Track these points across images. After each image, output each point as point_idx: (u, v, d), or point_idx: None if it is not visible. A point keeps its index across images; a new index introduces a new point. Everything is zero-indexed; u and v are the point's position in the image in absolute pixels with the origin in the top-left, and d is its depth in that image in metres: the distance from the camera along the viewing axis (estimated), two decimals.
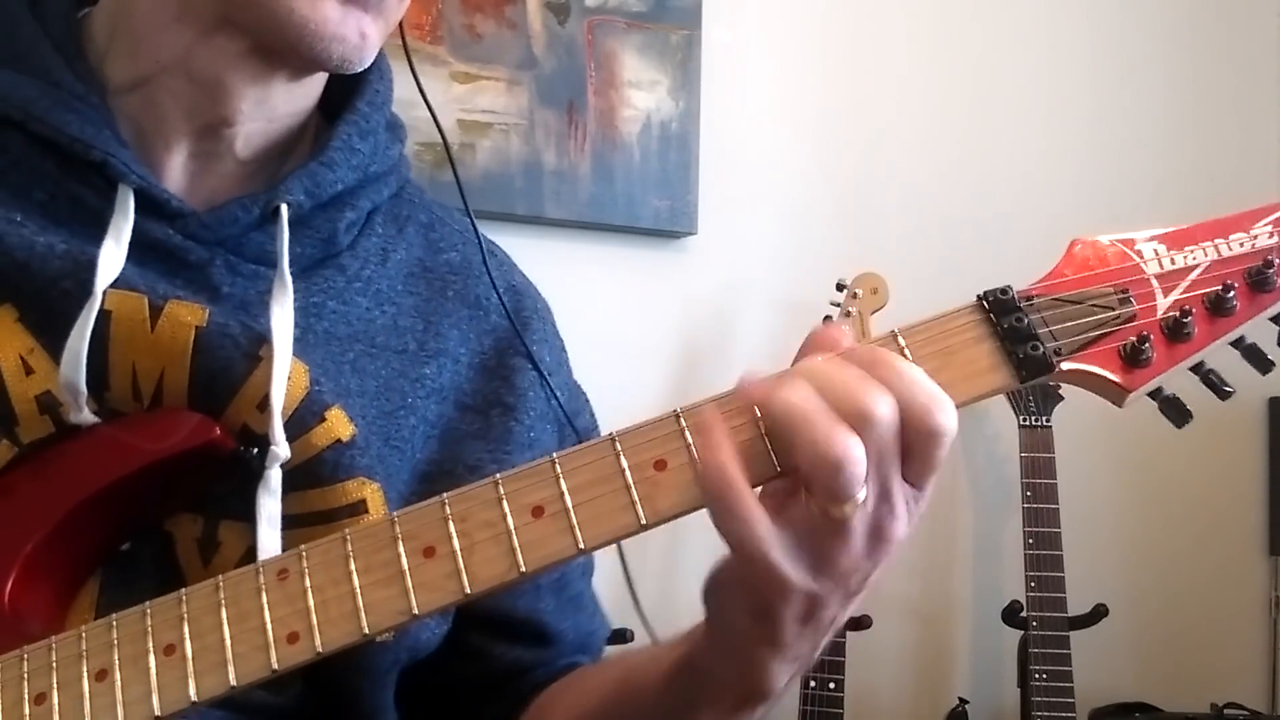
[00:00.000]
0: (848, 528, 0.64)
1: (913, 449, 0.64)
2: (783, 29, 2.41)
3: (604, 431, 0.70)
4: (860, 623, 2.10)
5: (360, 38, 0.86)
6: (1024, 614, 2.18)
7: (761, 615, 0.67)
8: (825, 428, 0.62)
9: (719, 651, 0.72)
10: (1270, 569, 2.60)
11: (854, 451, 0.61)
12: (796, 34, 2.41)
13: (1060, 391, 2.24)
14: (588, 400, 1.07)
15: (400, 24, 0.95)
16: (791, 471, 0.65)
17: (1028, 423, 2.24)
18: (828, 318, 2.10)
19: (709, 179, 2.28)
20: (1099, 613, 2.22)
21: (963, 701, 2.28)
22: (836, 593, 0.67)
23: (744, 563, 0.65)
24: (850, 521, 0.63)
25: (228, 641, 0.69)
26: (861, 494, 0.63)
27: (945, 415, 0.63)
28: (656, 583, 2.12)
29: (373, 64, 0.96)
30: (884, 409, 0.62)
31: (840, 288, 2.17)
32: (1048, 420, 2.24)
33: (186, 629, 0.70)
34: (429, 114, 1.05)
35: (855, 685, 2.12)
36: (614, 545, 1.07)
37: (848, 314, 2.14)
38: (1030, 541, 2.17)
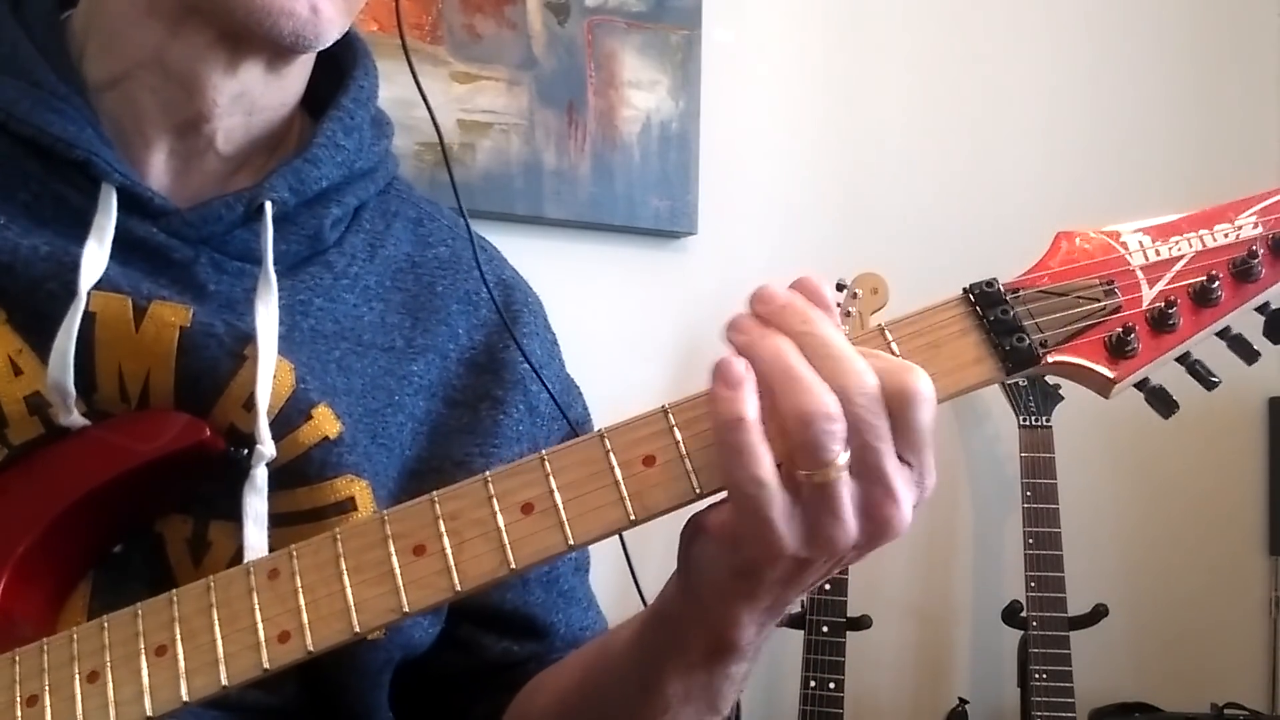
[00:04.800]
0: (838, 503, 0.63)
1: (892, 416, 0.63)
2: (783, 29, 2.40)
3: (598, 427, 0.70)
4: (860, 623, 2.10)
5: (311, 11, 0.84)
6: (1024, 614, 2.17)
7: (744, 574, 0.67)
8: (806, 384, 0.63)
9: (690, 599, 0.72)
10: (1270, 569, 2.60)
11: (829, 408, 0.62)
12: (796, 34, 2.41)
13: (1060, 391, 2.24)
14: (580, 393, 1.07)
15: (400, 24, 0.95)
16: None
17: (1028, 423, 2.23)
18: None
19: (709, 179, 2.27)
20: (1099, 613, 2.21)
21: (963, 701, 2.27)
22: (827, 564, 0.67)
23: (743, 516, 0.64)
24: (837, 493, 0.63)
25: (219, 642, 0.69)
26: (839, 457, 0.62)
27: (916, 376, 0.64)
28: (657, 583, 2.11)
29: (357, 60, 0.97)
30: (860, 375, 0.63)
31: (840, 288, 2.17)
32: (1048, 420, 2.23)
33: (178, 630, 0.70)
34: (428, 113, 1.05)
35: (855, 685, 2.12)
36: (620, 544, 1.09)
37: (848, 314, 2.14)
38: (1030, 541, 2.17)
